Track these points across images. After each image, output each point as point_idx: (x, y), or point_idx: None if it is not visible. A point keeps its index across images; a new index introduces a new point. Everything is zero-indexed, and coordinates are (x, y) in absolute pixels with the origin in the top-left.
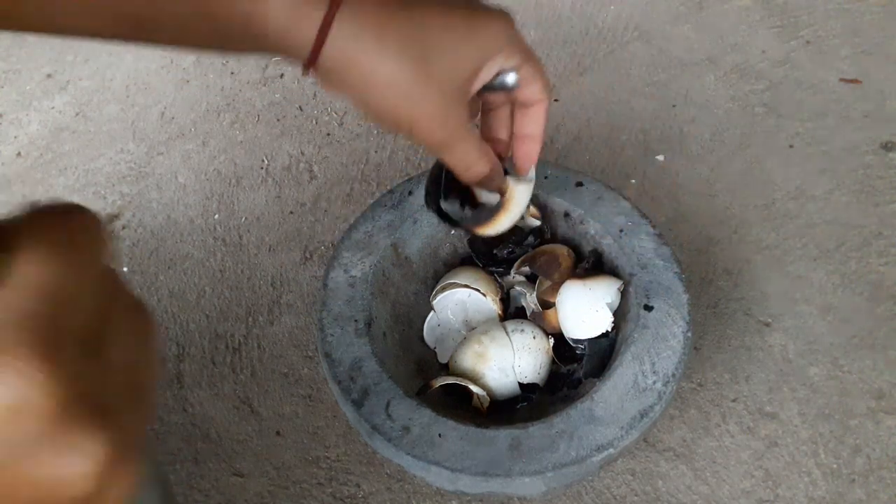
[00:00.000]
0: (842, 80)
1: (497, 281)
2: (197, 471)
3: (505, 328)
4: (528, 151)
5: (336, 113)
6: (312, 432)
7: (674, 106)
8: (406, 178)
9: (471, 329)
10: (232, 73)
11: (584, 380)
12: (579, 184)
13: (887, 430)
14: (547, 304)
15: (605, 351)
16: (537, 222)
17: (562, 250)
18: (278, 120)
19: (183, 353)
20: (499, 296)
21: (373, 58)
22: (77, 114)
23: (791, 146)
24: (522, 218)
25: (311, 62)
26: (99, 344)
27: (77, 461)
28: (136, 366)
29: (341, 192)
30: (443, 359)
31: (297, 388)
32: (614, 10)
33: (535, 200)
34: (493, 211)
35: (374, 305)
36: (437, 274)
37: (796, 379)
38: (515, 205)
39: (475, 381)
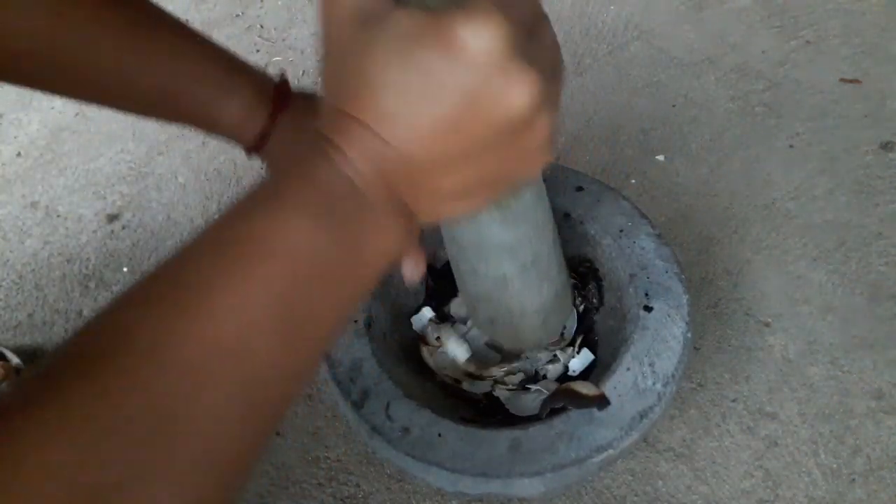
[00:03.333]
0: (842, 80)
1: None
2: None
3: None
4: None
5: None
6: (312, 432)
7: (674, 106)
8: None
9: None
10: None
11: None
12: (579, 188)
13: (887, 430)
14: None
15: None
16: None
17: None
18: None
19: None
20: None
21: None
22: (77, 114)
23: (791, 146)
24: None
25: (254, 151)
26: (533, 36)
27: (519, 86)
28: (556, 60)
29: None
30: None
31: None
32: (614, 10)
33: None
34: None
35: (374, 306)
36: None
37: (796, 379)
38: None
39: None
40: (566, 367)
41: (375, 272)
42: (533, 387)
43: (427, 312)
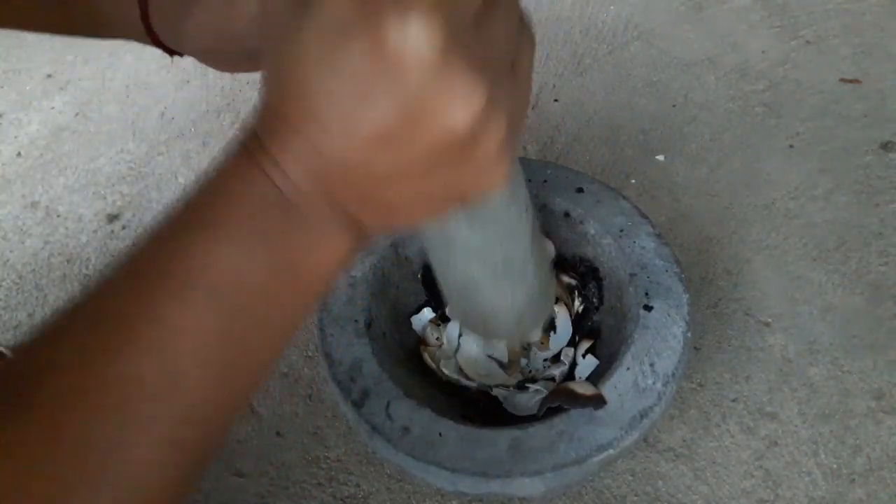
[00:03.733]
0: (842, 80)
1: None
2: None
3: None
4: None
5: None
6: (312, 432)
7: (674, 106)
8: None
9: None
10: None
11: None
12: (580, 189)
13: (887, 430)
14: None
15: None
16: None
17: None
18: None
19: None
20: None
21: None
22: (77, 114)
23: (791, 146)
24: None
25: (147, 28)
26: (482, 25)
27: (461, 95)
28: (515, 51)
29: None
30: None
31: (297, 388)
32: (614, 10)
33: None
34: None
35: (374, 305)
36: None
37: (796, 379)
38: None
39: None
40: (571, 369)
41: (317, 289)
42: (531, 386)
43: (427, 313)
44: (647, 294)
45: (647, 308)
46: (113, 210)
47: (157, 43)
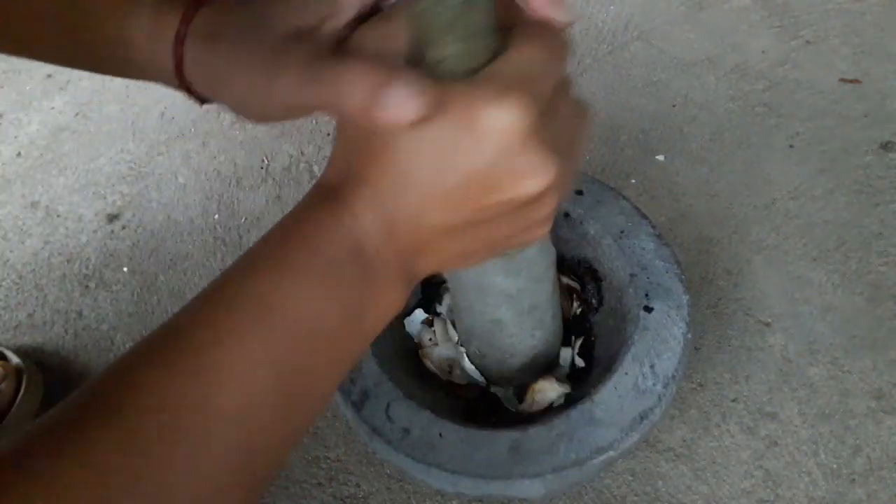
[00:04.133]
0: (842, 80)
1: None
2: None
3: None
4: None
5: None
6: (312, 432)
7: (674, 106)
8: None
9: None
10: None
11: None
12: (579, 192)
13: (887, 430)
14: None
15: None
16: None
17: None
18: None
19: None
20: None
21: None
22: (77, 114)
23: (791, 146)
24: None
25: (180, 79)
26: (552, 111)
27: (534, 171)
28: (574, 133)
29: None
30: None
31: None
32: (614, 10)
33: None
34: None
35: None
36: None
37: (796, 379)
38: None
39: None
40: (571, 368)
41: (375, 333)
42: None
43: (419, 314)
44: (647, 295)
45: (648, 309)
46: (113, 210)
47: (190, 92)
